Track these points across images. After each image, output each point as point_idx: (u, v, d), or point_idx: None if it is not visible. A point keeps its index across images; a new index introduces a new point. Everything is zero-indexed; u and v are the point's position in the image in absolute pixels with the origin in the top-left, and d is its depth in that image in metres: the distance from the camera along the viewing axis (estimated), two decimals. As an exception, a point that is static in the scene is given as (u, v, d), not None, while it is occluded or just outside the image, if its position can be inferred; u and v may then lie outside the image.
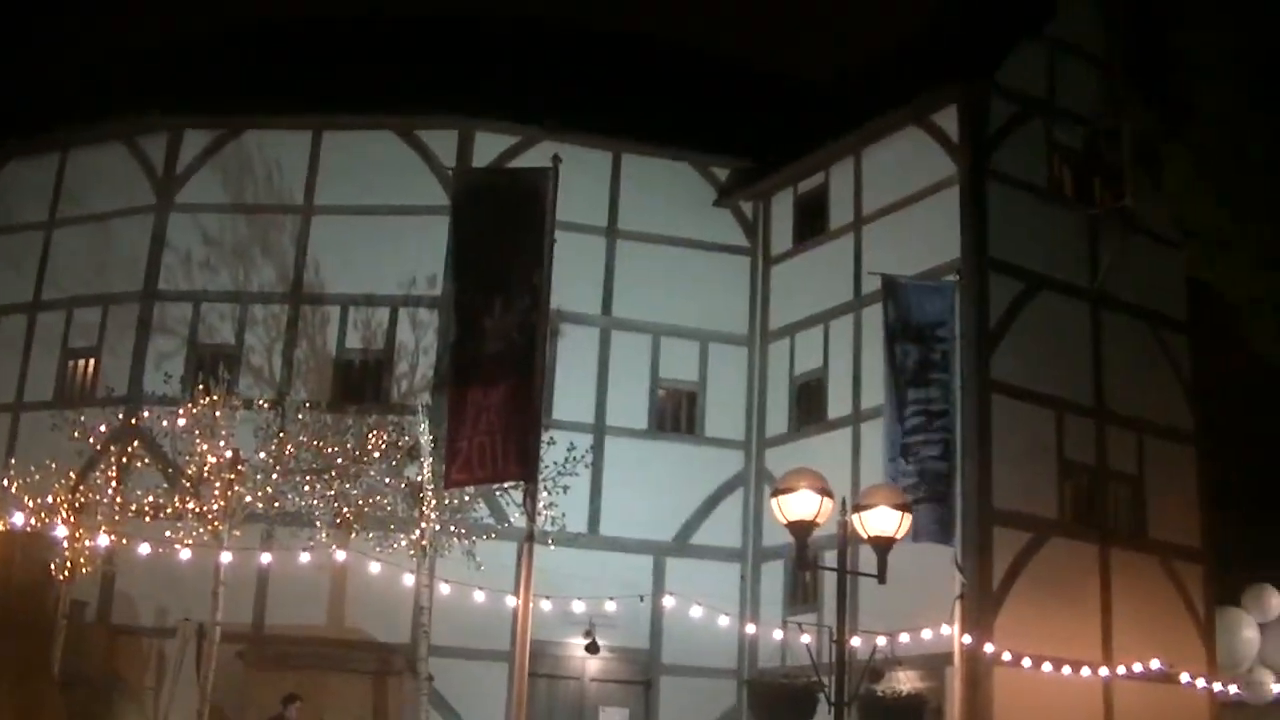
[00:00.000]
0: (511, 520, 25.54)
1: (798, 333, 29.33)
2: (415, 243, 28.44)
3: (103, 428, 25.52)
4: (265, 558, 24.40)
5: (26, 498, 23.70)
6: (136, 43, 37.76)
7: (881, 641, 20.45)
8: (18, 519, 22.08)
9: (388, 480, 24.67)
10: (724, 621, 26.00)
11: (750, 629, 27.17)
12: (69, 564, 23.65)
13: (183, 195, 30.41)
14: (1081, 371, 26.82)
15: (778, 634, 26.28)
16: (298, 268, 29.32)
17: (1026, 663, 23.84)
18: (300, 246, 29.47)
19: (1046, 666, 24.14)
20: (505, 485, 22.75)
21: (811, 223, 29.81)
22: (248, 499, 23.62)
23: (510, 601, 22.60)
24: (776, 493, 15.70)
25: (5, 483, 24.14)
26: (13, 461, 26.12)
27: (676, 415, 29.87)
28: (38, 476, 24.32)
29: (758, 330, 30.30)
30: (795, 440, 28.57)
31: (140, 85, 32.55)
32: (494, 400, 18.18)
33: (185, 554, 23.17)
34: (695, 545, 28.80)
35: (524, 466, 18.31)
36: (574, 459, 25.36)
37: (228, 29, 36.35)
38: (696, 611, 25.64)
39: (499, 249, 18.90)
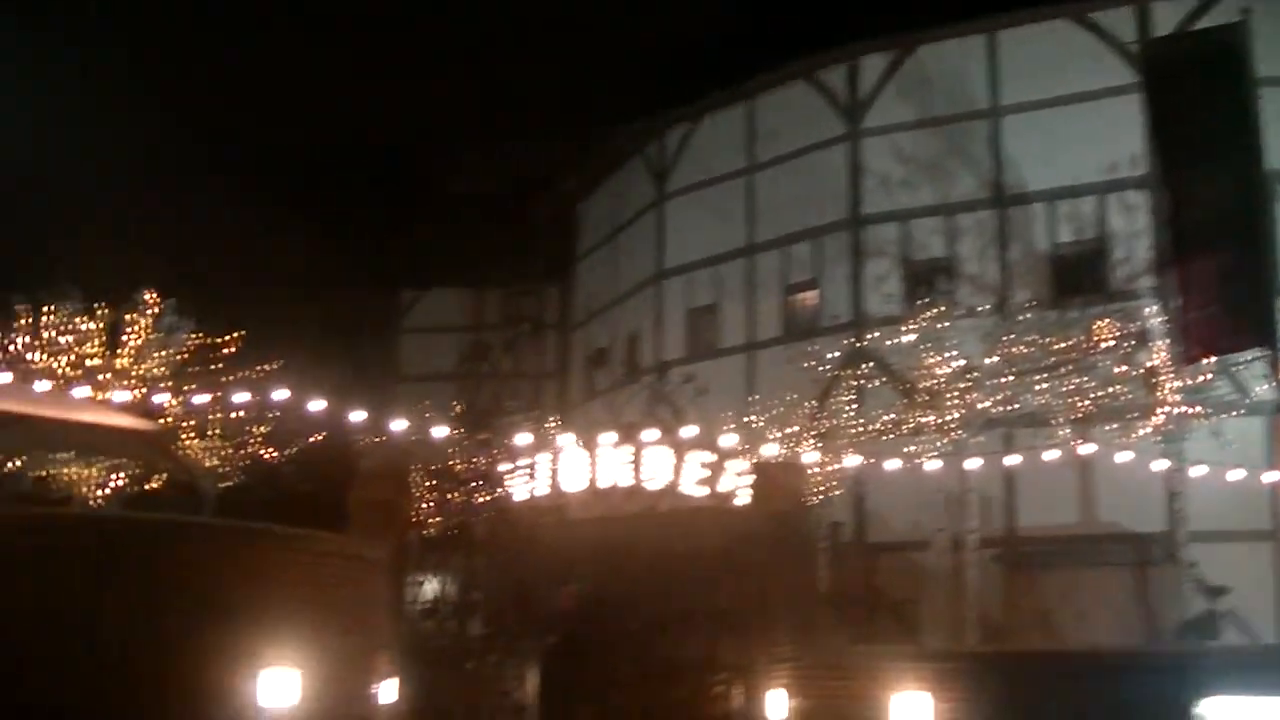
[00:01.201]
0: (1257, 393, 25.51)
1: None
2: (1110, 126, 28.76)
3: (832, 354, 27.68)
4: (1009, 461, 25.57)
5: (773, 430, 26.13)
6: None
7: None
8: (769, 450, 24.28)
9: (1121, 369, 25.10)
10: None
11: None
12: (822, 488, 25.77)
13: (870, 120, 32.45)
14: None
15: None
16: (996, 171, 30.48)
17: None
18: (995, 150, 30.64)
19: None
20: (1244, 357, 22.81)
21: None
22: (983, 405, 24.88)
23: (1268, 478, 22.68)
24: None
25: (752, 418, 26.69)
26: (754, 398, 28.76)
27: None
28: (780, 409, 26.79)
29: None
30: None
31: (813, 20, 34.62)
32: (1218, 270, 18.55)
33: (930, 466, 24.68)
34: None
35: (1259, 334, 18.60)
36: (1314, 321, 24.87)
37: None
38: None
39: (1199, 115, 19.22)
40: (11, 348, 25.58)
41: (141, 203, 39.14)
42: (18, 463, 25.91)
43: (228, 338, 27.35)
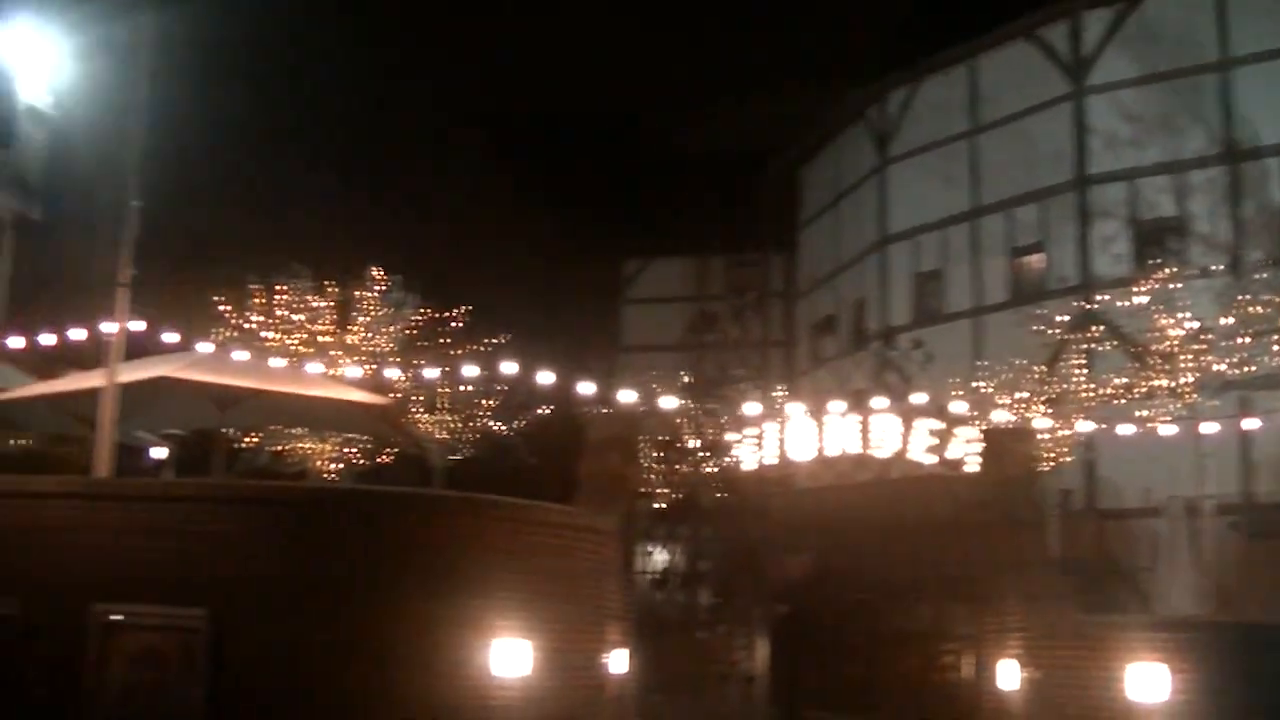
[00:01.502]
0: None
1: None
2: (1347, 75, 27.65)
3: (1061, 318, 27.07)
4: (1246, 424, 24.74)
5: (1002, 396, 25.65)
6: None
7: None
8: (998, 416, 23.82)
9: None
10: None
11: None
12: (1052, 454, 25.21)
13: (1094, 77, 31.70)
14: None
15: None
16: (1227, 125, 29.47)
17: None
18: (1225, 104, 29.61)
19: None
20: None
21: None
22: (1218, 367, 24.06)
23: None
24: None
25: (980, 384, 26.24)
26: (982, 363, 28.29)
27: None
28: (1008, 374, 26.29)
29: None
30: None
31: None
32: None
33: (1163, 431, 23.91)
34: None
35: None
36: None
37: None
38: None
39: None
40: (247, 326, 26.32)
41: (368, 180, 39.97)
42: (255, 438, 26.69)
43: (454, 312, 27.75)
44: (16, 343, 20.24)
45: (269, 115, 37.91)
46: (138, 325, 18.05)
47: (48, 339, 19.69)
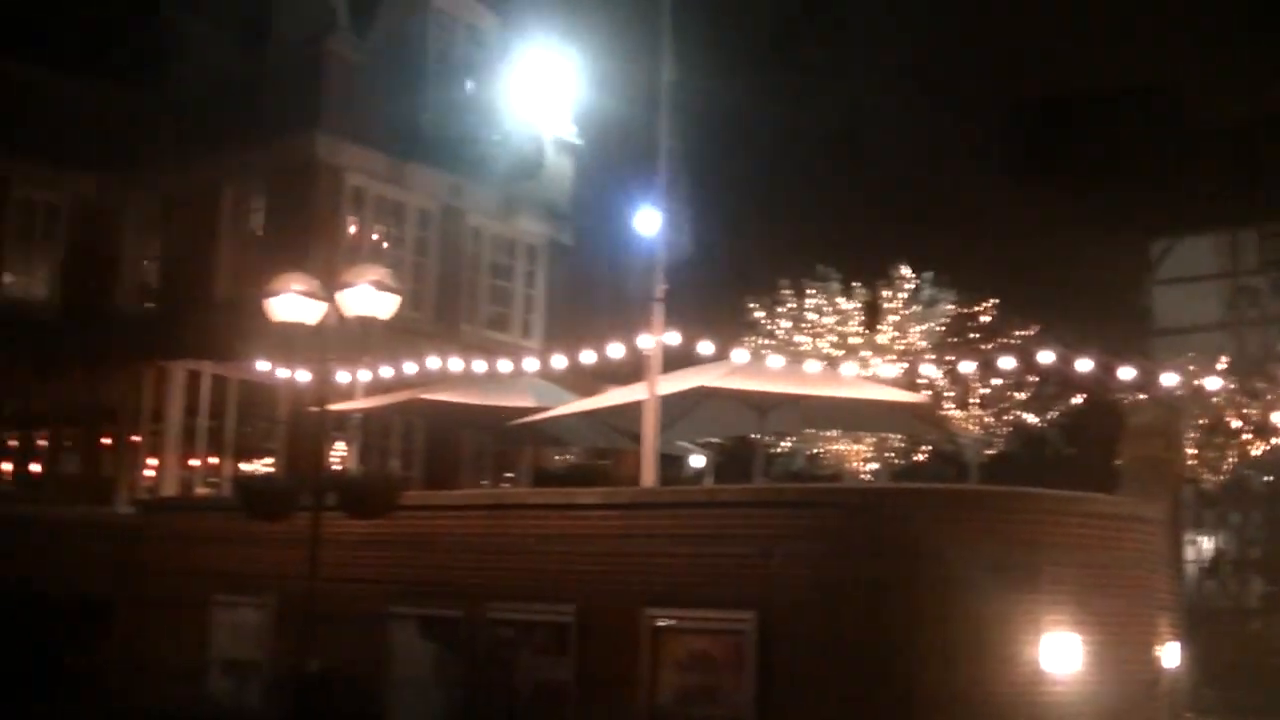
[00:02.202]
0: None
1: None
2: None
3: None
4: None
5: None
6: None
7: None
8: None
9: None
10: None
11: None
12: None
13: None
14: None
15: None
16: None
17: None
18: None
19: None
20: None
21: None
22: None
23: None
24: None
25: None
26: None
27: None
28: None
29: None
30: None
31: None
32: None
33: None
34: None
35: None
36: None
37: None
38: None
39: None
40: (779, 333, 26.68)
41: (890, 179, 39.97)
42: (789, 442, 27.01)
43: (983, 306, 27.31)
44: (559, 362, 21.09)
45: (790, 120, 38.44)
46: (674, 338, 18.49)
47: (588, 357, 20.39)
